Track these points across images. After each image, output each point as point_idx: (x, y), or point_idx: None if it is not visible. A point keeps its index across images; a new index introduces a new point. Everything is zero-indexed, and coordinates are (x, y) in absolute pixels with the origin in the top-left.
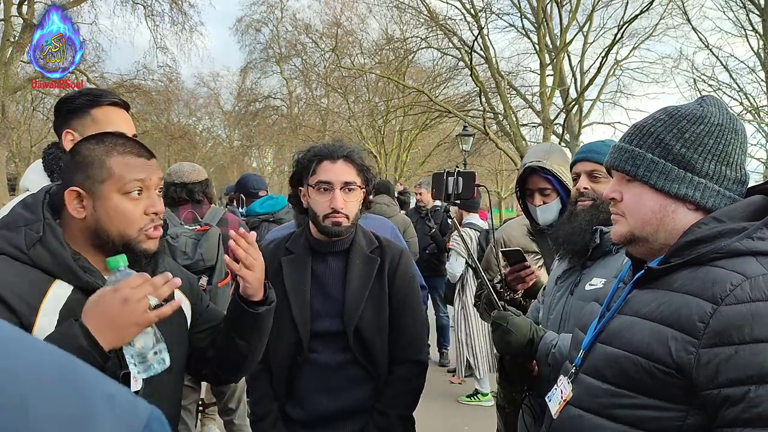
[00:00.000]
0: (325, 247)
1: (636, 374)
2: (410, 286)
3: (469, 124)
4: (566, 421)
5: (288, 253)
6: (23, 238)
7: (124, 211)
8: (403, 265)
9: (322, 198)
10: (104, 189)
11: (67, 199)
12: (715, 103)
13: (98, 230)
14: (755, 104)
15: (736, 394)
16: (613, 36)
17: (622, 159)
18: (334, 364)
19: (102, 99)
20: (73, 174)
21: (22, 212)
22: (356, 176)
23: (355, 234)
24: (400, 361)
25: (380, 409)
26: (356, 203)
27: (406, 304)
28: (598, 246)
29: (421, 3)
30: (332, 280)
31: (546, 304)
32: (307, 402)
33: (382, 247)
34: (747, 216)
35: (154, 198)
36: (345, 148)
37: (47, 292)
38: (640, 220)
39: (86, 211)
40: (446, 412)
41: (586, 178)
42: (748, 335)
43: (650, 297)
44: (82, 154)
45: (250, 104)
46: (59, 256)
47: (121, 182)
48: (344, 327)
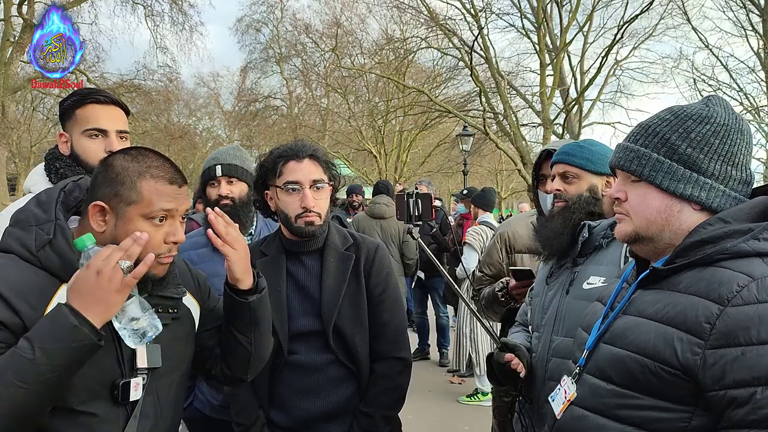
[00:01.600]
0: (299, 247)
1: (641, 375)
2: (387, 281)
3: (469, 124)
4: (570, 421)
5: (262, 255)
6: (33, 239)
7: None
8: (378, 260)
9: (292, 198)
10: (130, 211)
11: (91, 212)
12: (720, 103)
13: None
14: (755, 104)
15: (743, 396)
16: (613, 36)
17: (628, 158)
18: (315, 365)
19: (86, 98)
20: (102, 187)
21: (35, 210)
22: (323, 174)
23: (329, 232)
24: (381, 357)
25: (364, 410)
26: (326, 201)
27: (384, 300)
28: (588, 241)
29: (421, 3)
30: (308, 279)
31: (536, 305)
32: (290, 406)
33: (356, 244)
34: (753, 217)
35: (176, 227)
36: (309, 146)
37: (54, 296)
38: (645, 220)
39: (107, 227)
40: (446, 412)
41: (559, 180)
42: (754, 337)
43: (655, 297)
44: (116, 170)
45: (250, 104)
46: (68, 259)
47: (149, 208)
48: (323, 326)
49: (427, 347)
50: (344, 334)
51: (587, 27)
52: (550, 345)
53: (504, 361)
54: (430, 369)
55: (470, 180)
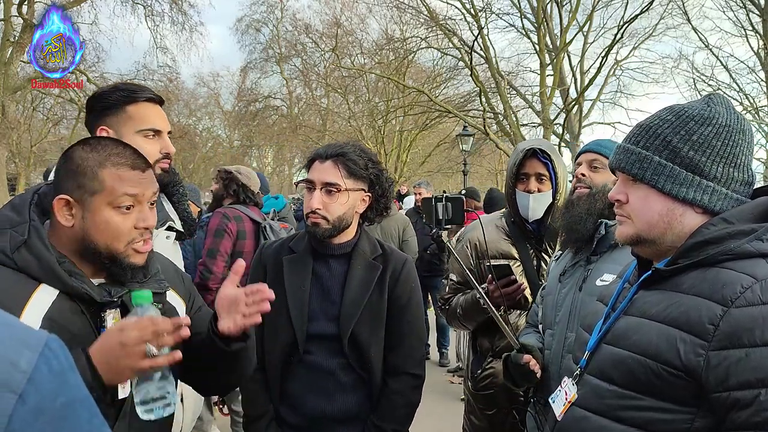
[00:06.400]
0: (326, 249)
1: (643, 376)
2: (411, 295)
3: (469, 124)
4: (571, 422)
5: (291, 252)
6: (8, 241)
7: (113, 224)
8: (405, 274)
9: (307, 197)
10: (95, 201)
11: (56, 206)
12: (722, 103)
13: (86, 240)
14: (755, 104)
15: (746, 398)
16: (613, 36)
17: (629, 161)
18: (327, 368)
19: (138, 95)
20: (64, 181)
21: (8, 214)
22: (342, 179)
23: (359, 239)
24: (396, 372)
25: (375, 423)
26: (340, 206)
27: (405, 314)
28: (603, 239)
29: (421, 3)
30: (332, 283)
31: (549, 303)
32: (299, 404)
33: (385, 255)
34: (756, 217)
35: (146, 212)
36: (339, 147)
37: (31, 296)
38: (647, 223)
39: (75, 220)
40: (446, 412)
41: (586, 166)
42: (758, 338)
43: (657, 298)
44: (75, 161)
45: (250, 104)
46: (44, 259)
47: (113, 196)
48: (339, 331)
49: (427, 347)
50: (360, 342)
51: (587, 27)
52: (564, 342)
53: (523, 362)
54: (430, 369)
55: (470, 180)
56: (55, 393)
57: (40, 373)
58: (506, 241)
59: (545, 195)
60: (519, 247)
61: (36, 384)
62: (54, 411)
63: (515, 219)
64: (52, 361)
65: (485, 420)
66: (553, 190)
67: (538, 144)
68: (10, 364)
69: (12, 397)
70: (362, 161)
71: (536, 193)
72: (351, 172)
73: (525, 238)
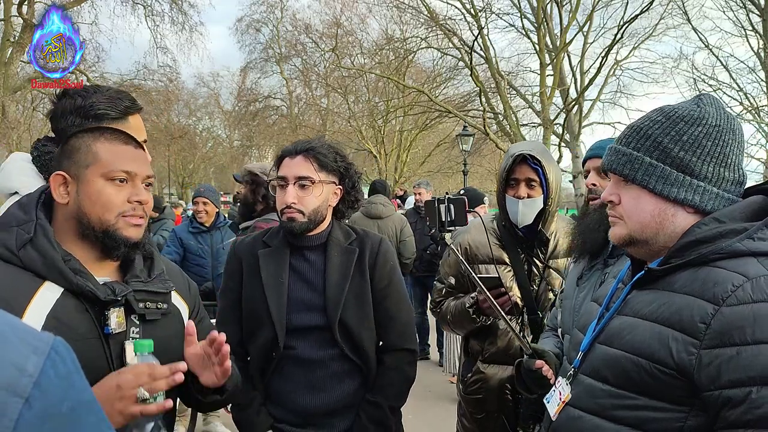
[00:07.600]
0: (302, 242)
1: (636, 375)
2: (392, 274)
3: (469, 124)
4: (566, 422)
5: (265, 246)
6: (14, 239)
7: (105, 195)
8: (382, 254)
9: (280, 193)
10: (88, 173)
11: (53, 184)
12: (712, 103)
13: (80, 216)
14: (755, 104)
15: (738, 396)
16: (613, 36)
17: (620, 162)
18: (316, 360)
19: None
20: (60, 161)
21: (16, 212)
22: (315, 172)
23: (332, 228)
24: (390, 350)
25: (372, 400)
26: (315, 198)
27: (390, 294)
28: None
29: (421, 3)
30: (312, 273)
31: (568, 307)
32: (288, 401)
33: (360, 238)
34: (747, 216)
35: (139, 188)
36: (307, 143)
37: (35, 294)
38: (639, 224)
39: (70, 197)
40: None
41: (595, 175)
42: (749, 336)
43: (650, 297)
44: (71, 143)
45: (250, 104)
46: (49, 257)
47: (107, 168)
48: (328, 321)
49: (427, 347)
50: (350, 328)
51: (587, 27)
52: None
53: (535, 368)
54: (430, 369)
55: (470, 180)
56: (61, 397)
57: (46, 377)
58: (497, 246)
59: (535, 201)
60: (510, 251)
61: (43, 388)
62: (61, 415)
63: (506, 224)
64: (59, 365)
65: (475, 423)
66: (545, 196)
67: (529, 149)
68: (17, 368)
69: (18, 401)
70: (331, 154)
71: (526, 198)
72: (322, 165)
73: (516, 243)
